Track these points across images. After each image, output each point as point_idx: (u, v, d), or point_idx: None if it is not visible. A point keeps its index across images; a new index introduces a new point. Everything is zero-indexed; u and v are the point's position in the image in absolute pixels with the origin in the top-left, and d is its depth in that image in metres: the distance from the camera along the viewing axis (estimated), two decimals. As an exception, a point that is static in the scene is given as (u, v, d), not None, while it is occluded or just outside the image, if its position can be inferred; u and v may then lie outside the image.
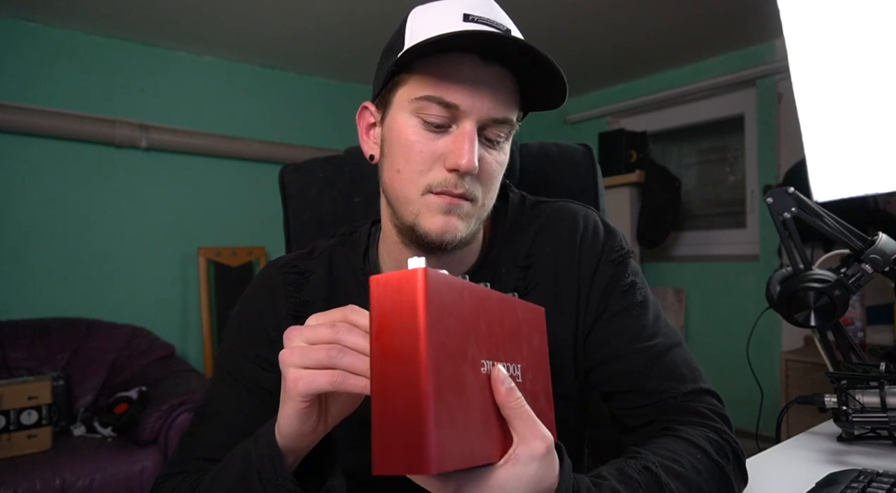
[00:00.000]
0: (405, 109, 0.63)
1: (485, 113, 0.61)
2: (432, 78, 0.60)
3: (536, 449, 0.44)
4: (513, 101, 0.64)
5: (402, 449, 0.36)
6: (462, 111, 0.60)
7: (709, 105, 3.42)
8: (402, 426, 0.36)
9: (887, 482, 0.66)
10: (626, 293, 0.70)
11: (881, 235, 0.88)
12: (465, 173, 0.60)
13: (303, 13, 2.67)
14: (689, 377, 0.67)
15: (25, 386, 2.17)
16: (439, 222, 0.62)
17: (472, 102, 0.60)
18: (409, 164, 0.62)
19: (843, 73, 1.12)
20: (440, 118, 0.61)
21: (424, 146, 0.62)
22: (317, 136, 3.49)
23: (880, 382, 0.81)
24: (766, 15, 2.34)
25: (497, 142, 0.64)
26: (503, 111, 0.62)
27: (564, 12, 2.73)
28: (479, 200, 0.64)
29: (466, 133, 0.60)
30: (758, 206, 3.20)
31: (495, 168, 0.65)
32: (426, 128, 0.62)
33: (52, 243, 2.75)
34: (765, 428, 1.08)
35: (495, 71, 0.61)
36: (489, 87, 0.61)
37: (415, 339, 0.36)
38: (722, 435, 0.63)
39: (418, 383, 0.36)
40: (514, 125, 0.65)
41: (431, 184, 0.62)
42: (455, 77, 0.60)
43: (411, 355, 0.36)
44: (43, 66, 2.74)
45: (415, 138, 0.62)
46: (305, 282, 0.74)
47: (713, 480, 0.58)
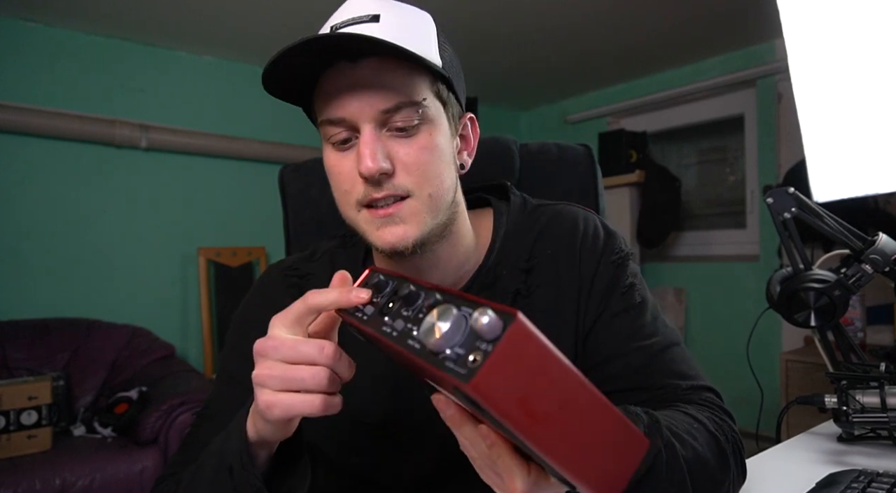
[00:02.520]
0: (323, 139, 0.65)
1: (371, 111, 0.59)
2: (322, 101, 0.62)
3: None
4: (405, 81, 0.60)
5: (614, 466, 0.35)
6: (351, 120, 0.60)
7: (709, 105, 3.42)
8: (601, 450, 0.34)
9: (887, 482, 0.66)
10: (626, 294, 0.70)
11: (881, 236, 0.88)
12: (371, 178, 0.59)
13: (303, 13, 2.67)
14: (689, 375, 0.67)
15: (25, 386, 2.17)
16: (384, 235, 0.62)
17: (354, 107, 0.59)
18: (337, 189, 0.64)
19: (843, 74, 1.12)
20: (340, 135, 0.62)
21: (340, 166, 0.63)
22: (317, 136, 3.40)
23: (880, 382, 0.81)
24: (766, 15, 2.34)
25: (409, 129, 0.61)
26: (393, 99, 0.59)
27: (564, 12, 2.73)
28: (416, 193, 0.61)
29: (363, 140, 0.60)
30: (758, 206, 3.20)
31: (419, 155, 0.61)
32: (336, 149, 0.63)
33: (52, 243, 2.75)
34: (765, 428, 1.08)
35: (368, 64, 0.59)
36: (364, 84, 0.59)
37: (563, 373, 0.33)
38: (724, 422, 0.63)
39: (596, 402, 0.34)
40: (419, 103, 0.61)
41: (359, 199, 0.62)
42: (333, 91, 0.60)
43: (569, 390, 0.33)
44: (43, 66, 2.73)
45: (331, 163, 0.64)
46: (307, 285, 0.74)
47: (709, 448, 0.58)
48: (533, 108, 4.40)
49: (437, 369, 0.33)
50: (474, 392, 0.30)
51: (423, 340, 0.35)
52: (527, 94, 4.06)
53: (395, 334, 0.39)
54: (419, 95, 0.61)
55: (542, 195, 0.81)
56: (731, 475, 0.59)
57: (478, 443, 0.40)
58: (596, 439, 0.34)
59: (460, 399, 0.37)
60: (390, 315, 0.42)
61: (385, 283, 0.46)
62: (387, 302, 0.44)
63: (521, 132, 4.45)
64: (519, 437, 0.32)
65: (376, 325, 0.43)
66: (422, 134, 0.62)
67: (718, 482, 0.58)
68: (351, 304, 0.48)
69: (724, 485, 0.58)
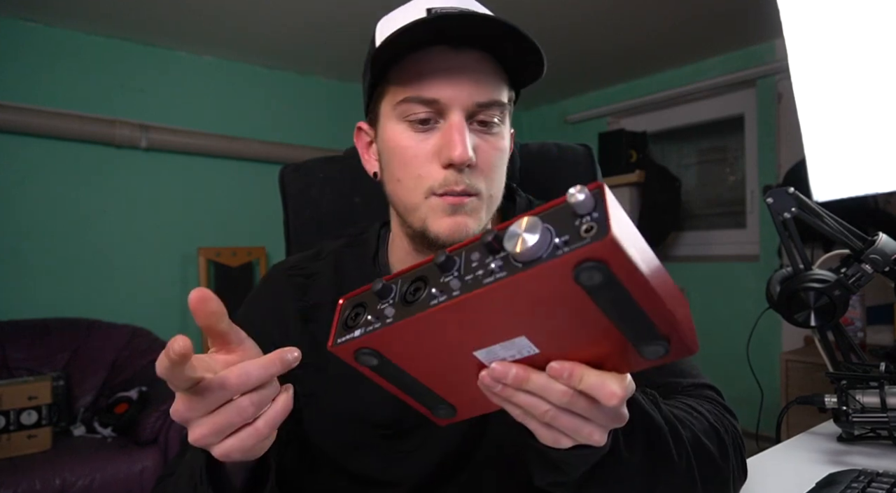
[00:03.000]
0: (391, 118, 0.63)
1: (468, 100, 0.59)
2: (408, 79, 0.60)
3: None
4: (497, 81, 0.62)
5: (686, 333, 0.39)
6: (444, 104, 0.59)
7: (709, 105, 3.42)
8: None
9: (887, 482, 0.66)
10: None
11: (881, 235, 0.88)
12: (460, 166, 0.59)
13: (303, 13, 2.67)
14: (690, 373, 0.69)
15: (25, 386, 2.17)
16: (447, 223, 0.61)
17: (451, 92, 0.59)
18: (406, 170, 0.62)
19: (843, 73, 1.12)
20: (425, 116, 0.60)
21: (417, 149, 0.61)
22: (317, 136, 3.49)
23: (880, 382, 0.81)
24: (766, 15, 2.34)
25: (491, 126, 0.62)
26: (487, 94, 0.60)
27: (564, 12, 2.73)
28: (483, 193, 0.62)
29: (454, 125, 0.59)
30: (758, 206, 3.19)
31: (494, 155, 0.63)
32: (414, 129, 0.61)
33: (52, 243, 2.75)
34: (765, 428, 1.08)
35: (469, 55, 0.60)
36: (466, 72, 0.59)
37: (639, 235, 0.36)
38: (724, 418, 0.63)
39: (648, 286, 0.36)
40: (504, 105, 0.63)
41: (432, 186, 0.61)
42: (428, 72, 0.59)
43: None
44: (43, 66, 2.74)
45: (406, 143, 0.61)
46: (312, 285, 0.73)
47: (708, 437, 0.58)
48: (533, 108, 4.40)
49: (544, 269, 0.33)
50: (608, 247, 0.32)
51: (514, 256, 0.35)
52: (527, 94, 3.99)
53: (458, 291, 0.37)
54: (505, 98, 0.63)
55: (542, 195, 0.81)
56: (731, 465, 0.59)
57: (551, 385, 0.39)
58: (672, 289, 0.38)
59: (537, 328, 0.38)
60: (429, 288, 0.39)
61: (388, 286, 0.42)
62: (409, 290, 0.40)
63: (522, 132, 4.45)
64: (634, 295, 0.35)
65: (415, 310, 0.39)
66: (498, 135, 0.63)
67: (720, 468, 0.57)
68: (289, 366, 0.44)
69: (725, 474, 0.58)
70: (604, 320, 0.36)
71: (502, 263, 0.36)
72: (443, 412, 0.48)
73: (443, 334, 0.40)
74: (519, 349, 0.40)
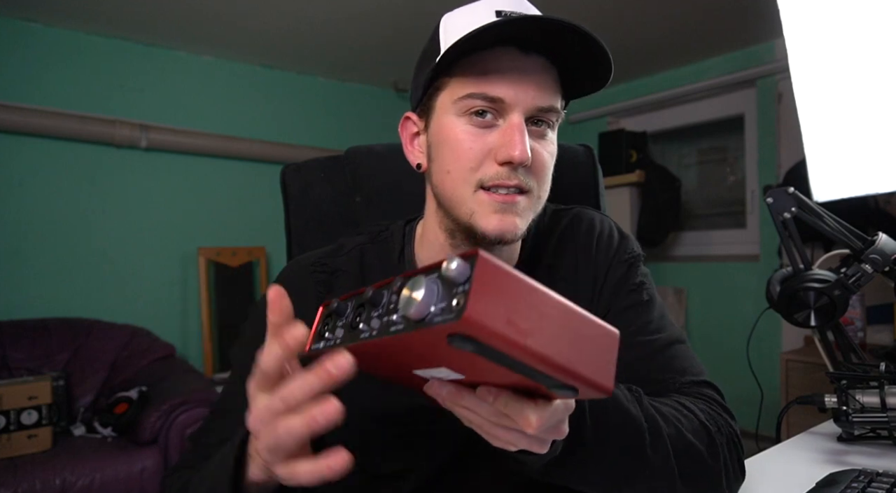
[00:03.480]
0: (449, 112, 0.63)
1: (530, 103, 0.61)
2: (473, 76, 0.61)
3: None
4: (556, 88, 0.64)
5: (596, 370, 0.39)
6: (507, 104, 0.60)
7: (709, 105, 3.42)
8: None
9: (887, 482, 0.66)
10: (634, 291, 0.73)
11: (881, 235, 0.88)
12: (518, 165, 0.60)
13: (303, 13, 2.67)
14: (690, 371, 0.69)
15: (25, 386, 2.17)
16: (495, 221, 0.62)
17: (516, 94, 0.60)
18: (458, 162, 0.63)
19: (843, 73, 1.12)
20: (486, 111, 0.61)
21: (473, 143, 0.62)
22: (317, 136, 3.49)
23: (880, 382, 0.81)
24: (766, 15, 2.34)
25: (546, 130, 0.64)
26: (548, 99, 0.62)
27: (564, 13, 2.73)
28: (534, 192, 0.64)
29: (515, 125, 0.60)
30: (758, 206, 3.20)
31: (547, 158, 0.65)
32: (473, 124, 0.62)
33: (52, 243, 2.75)
34: (765, 428, 1.08)
35: (536, 61, 0.62)
36: (531, 76, 0.61)
37: (531, 290, 0.37)
38: (719, 417, 0.63)
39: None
40: (560, 113, 0.65)
41: (483, 179, 0.62)
42: (496, 71, 0.60)
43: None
44: (43, 66, 2.74)
45: (463, 137, 0.62)
46: (336, 281, 0.73)
47: (697, 435, 0.58)
48: (533, 108, 4.40)
49: (425, 332, 0.35)
50: (467, 325, 0.32)
51: (405, 315, 0.36)
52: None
53: (375, 332, 0.40)
54: (560, 106, 0.65)
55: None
56: (723, 464, 0.59)
57: (480, 405, 0.42)
58: (577, 337, 0.38)
59: (453, 363, 0.39)
60: (363, 322, 0.42)
61: (344, 305, 0.46)
62: (354, 317, 0.44)
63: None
64: (514, 356, 0.35)
65: (353, 337, 0.43)
66: (550, 140, 0.65)
67: (708, 467, 0.58)
68: (295, 343, 0.44)
69: (716, 472, 0.58)
70: (500, 368, 0.37)
71: (402, 316, 0.38)
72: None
73: (380, 357, 0.44)
74: (447, 373, 0.42)
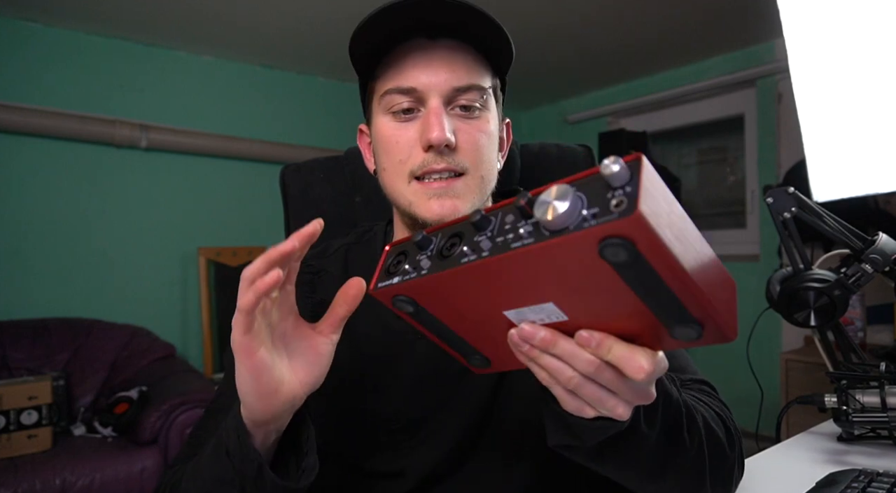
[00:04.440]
0: (378, 112, 0.66)
1: (444, 85, 0.62)
2: (389, 73, 0.63)
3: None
4: (476, 66, 0.64)
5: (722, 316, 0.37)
6: (421, 91, 0.62)
7: (709, 105, 3.42)
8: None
9: (887, 482, 0.66)
10: None
11: (881, 236, 0.88)
12: (439, 147, 0.61)
13: (303, 13, 2.67)
14: (688, 370, 0.69)
15: (25, 386, 2.17)
16: (435, 207, 0.62)
17: (427, 79, 0.61)
18: (389, 157, 0.65)
19: (843, 73, 1.12)
20: (407, 106, 0.63)
21: (399, 136, 0.63)
22: (317, 136, 3.49)
23: (880, 382, 0.81)
24: (766, 15, 2.34)
25: (472, 109, 0.64)
26: (464, 79, 0.62)
27: (564, 13, 2.73)
28: (471, 173, 0.64)
29: (432, 109, 0.61)
30: (758, 206, 3.19)
31: (478, 137, 0.64)
32: (396, 119, 0.64)
33: (52, 243, 2.75)
34: (765, 428, 1.08)
35: (445, 44, 0.63)
36: (441, 59, 0.62)
37: (677, 205, 0.36)
38: (725, 410, 0.63)
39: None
40: (484, 89, 0.64)
41: (413, 169, 0.63)
42: (406, 62, 0.62)
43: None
44: (43, 66, 2.73)
45: (390, 132, 0.64)
46: (320, 281, 0.74)
47: (716, 423, 0.58)
48: (533, 108, 4.40)
49: (572, 239, 0.33)
50: (635, 224, 0.30)
51: (542, 225, 0.34)
52: (527, 94, 4.06)
53: (487, 252, 0.37)
54: (486, 83, 0.65)
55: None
56: (737, 455, 0.59)
57: (578, 354, 0.39)
58: (713, 272, 0.36)
59: (565, 297, 0.37)
60: (464, 246, 0.40)
61: (427, 239, 0.43)
62: (445, 245, 0.41)
63: (522, 132, 4.45)
64: (663, 275, 0.33)
65: (448, 264, 0.40)
66: (481, 119, 0.65)
67: (727, 456, 0.58)
68: (305, 239, 0.48)
69: (731, 462, 0.58)
70: (632, 296, 0.35)
71: (532, 229, 0.35)
72: (477, 362, 0.50)
73: (474, 290, 0.40)
74: (548, 314, 0.40)
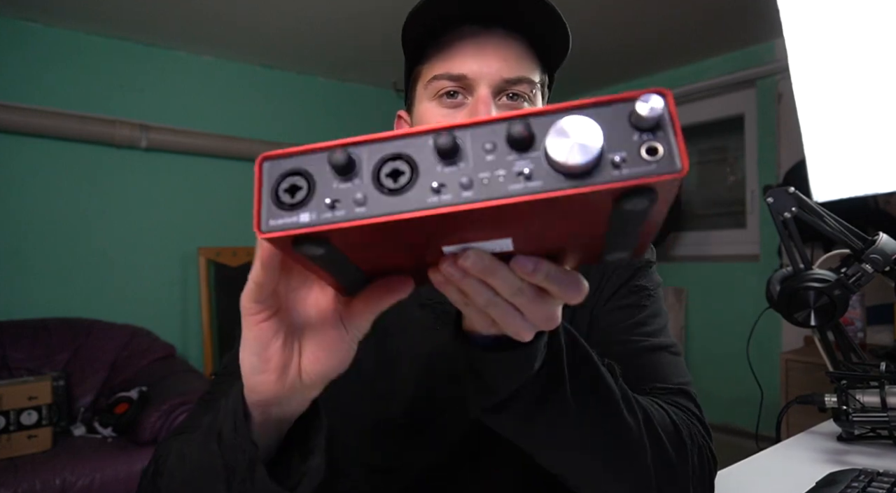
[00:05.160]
0: (423, 98, 0.64)
1: (496, 75, 0.60)
2: (439, 58, 0.62)
3: None
4: (526, 59, 0.63)
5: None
6: (472, 79, 0.61)
7: (709, 105, 3.42)
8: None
9: (888, 481, 0.66)
10: (634, 293, 0.71)
11: (881, 236, 0.88)
12: None
13: (303, 13, 2.67)
14: (670, 379, 0.64)
15: (25, 386, 2.17)
16: None
17: (478, 68, 0.60)
18: None
19: (843, 73, 1.12)
20: (453, 90, 0.62)
21: (444, 122, 0.61)
22: (316, 136, 3.47)
23: (880, 382, 0.81)
24: (766, 15, 2.34)
25: (521, 102, 0.62)
26: (515, 70, 0.61)
27: (564, 12, 2.73)
28: None
29: (481, 98, 0.60)
30: (758, 206, 3.20)
31: None
32: (443, 105, 0.62)
33: (52, 243, 2.75)
34: (765, 428, 1.08)
35: (498, 33, 0.62)
36: (494, 48, 0.61)
37: None
38: (693, 425, 0.59)
39: None
40: (534, 83, 0.63)
41: None
42: (457, 49, 0.61)
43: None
44: (43, 66, 2.73)
45: (434, 119, 0.63)
46: None
47: (664, 429, 0.54)
48: (533, 108, 4.40)
49: (597, 188, 0.27)
50: (677, 178, 0.27)
51: (555, 163, 0.27)
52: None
53: (469, 193, 0.28)
54: (535, 77, 0.64)
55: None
56: (690, 471, 0.55)
57: (509, 279, 0.36)
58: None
59: (530, 228, 0.32)
60: (419, 177, 0.29)
61: (352, 159, 0.30)
62: (385, 171, 0.30)
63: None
64: (666, 207, 0.32)
65: (403, 202, 0.29)
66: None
67: (676, 470, 0.53)
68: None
69: (679, 470, 0.54)
70: (601, 229, 0.32)
71: (534, 167, 0.28)
72: (353, 286, 0.39)
73: (424, 232, 0.31)
74: (492, 247, 0.34)
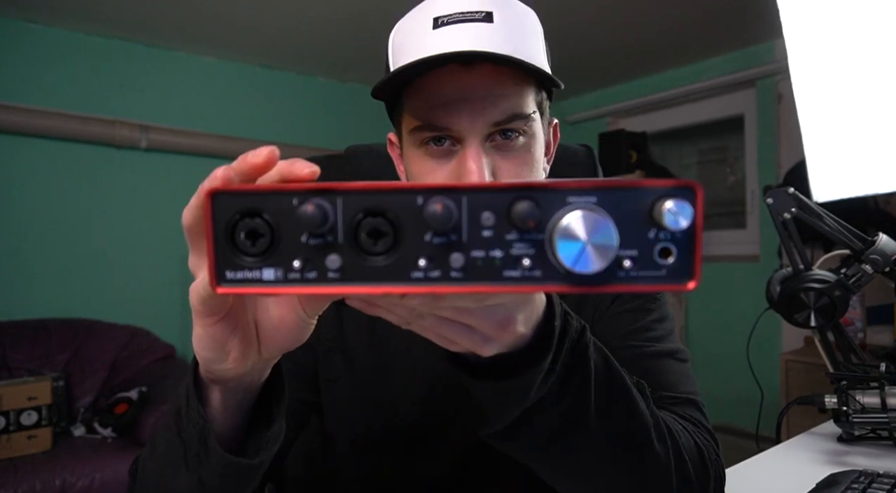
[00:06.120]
0: (409, 143, 0.61)
1: (483, 124, 0.56)
2: (419, 105, 0.58)
3: None
4: (517, 91, 0.58)
5: None
6: (457, 130, 0.56)
7: (709, 105, 3.42)
8: None
9: (888, 482, 0.66)
10: (639, 297, 0.69)
11: (881, 236, 0.88)
12: None
13: (303, 13, 2.67)
14: (677, 387, 0.62)
15: (25, 386, 2.17)
16: None
17: (463, 119, 0.56)
18: None
19: (843, 74, 1.12)
20: (444, 140, 0.58)
21: (434, 176, 0.58)
22: (317, 136, 3.49)
23: (880, 382, 0.81)
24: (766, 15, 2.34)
25: (515, 139, 0.58)
26: (505, 110, 0.57)
27: (565, 12, 2.73)
28: None
29: (469, 153, 0.56)
30: (758, 206, 3.19)
31: (519, 171, 0.59)
32: (430, 155, 0.59)
33: (52, 243, 2.75)
34: (765, 428, 1.08)
35: (482, 70, 0.56)
36: (478, 92, 0.56)
37: None
38: (708, 443, 0.57)
39: None
40: (527, 116, 0.58)
41: None
42: (438, 97, 0.56)
43: None
44: (43, 66, 2.73)
45: (424, 170, 0.59)
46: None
47: (689, 450, 0.52)
48: (533, 108, 4.40)
49: (599, 288, 0.26)
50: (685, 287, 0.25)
51: (559, 264, 0.25)
52: (527, 94, 4.06)
53: (457, 273, 0.25)
54: (529, 108, 0.59)
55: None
56: (710, 491, 0.53)
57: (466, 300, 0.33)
58: None
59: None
60: (403, 245, 0.26)
61: (324, 211, 0.27)
62: (360, 230, 0.27)
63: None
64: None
65: (381, 274, 0.26)
66: (523, 147, 0.59)
67: (693, 487, 0.51)
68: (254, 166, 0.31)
69: (700, 490, 0.52)
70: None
71: (535, 253, 0.26)
72: None
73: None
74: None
